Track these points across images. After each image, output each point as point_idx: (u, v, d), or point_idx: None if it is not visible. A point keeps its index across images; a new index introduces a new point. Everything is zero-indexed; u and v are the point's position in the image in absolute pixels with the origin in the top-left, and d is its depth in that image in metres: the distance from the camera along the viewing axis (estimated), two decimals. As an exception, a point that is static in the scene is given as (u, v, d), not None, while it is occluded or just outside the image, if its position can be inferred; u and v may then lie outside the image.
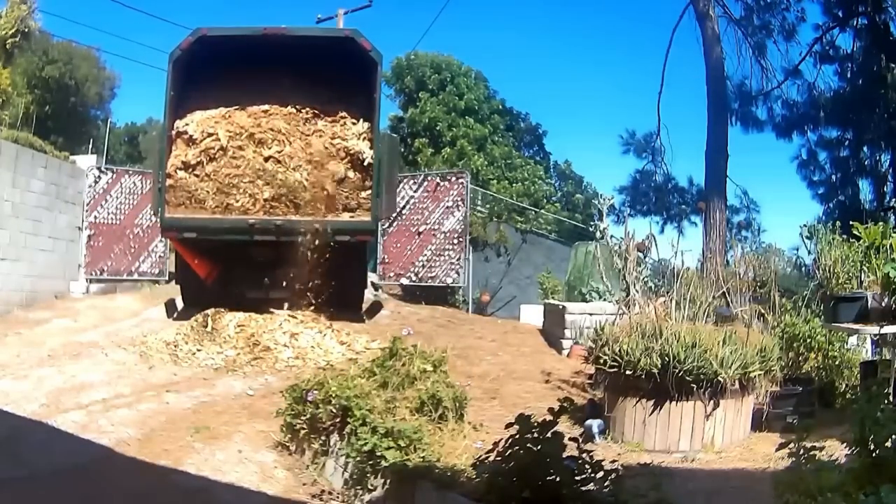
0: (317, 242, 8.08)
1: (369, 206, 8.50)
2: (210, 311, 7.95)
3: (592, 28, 41.75)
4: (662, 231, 20.12)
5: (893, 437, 2.38)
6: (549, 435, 3.10)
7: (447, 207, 13.30)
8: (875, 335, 5.49)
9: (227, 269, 8.98)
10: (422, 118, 20.73)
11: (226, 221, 8.26)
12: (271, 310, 8.16)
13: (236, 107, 8.62)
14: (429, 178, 13.85)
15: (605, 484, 3.05)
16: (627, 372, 5.02)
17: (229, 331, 7.58)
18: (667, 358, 4.86)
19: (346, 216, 8.52)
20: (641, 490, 3.15)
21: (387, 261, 13.28)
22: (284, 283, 8.25)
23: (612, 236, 8.03)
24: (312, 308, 8.16)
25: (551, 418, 3.22)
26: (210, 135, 8.38)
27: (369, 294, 11.24)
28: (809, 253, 7.07)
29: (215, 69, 8.52)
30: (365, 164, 8.50)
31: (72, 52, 19.95)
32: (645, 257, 7.27)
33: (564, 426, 3.90)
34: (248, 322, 7.78)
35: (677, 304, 5.71)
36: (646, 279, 6.90)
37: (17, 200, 10.75)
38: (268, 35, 8.44)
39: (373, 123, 8.72)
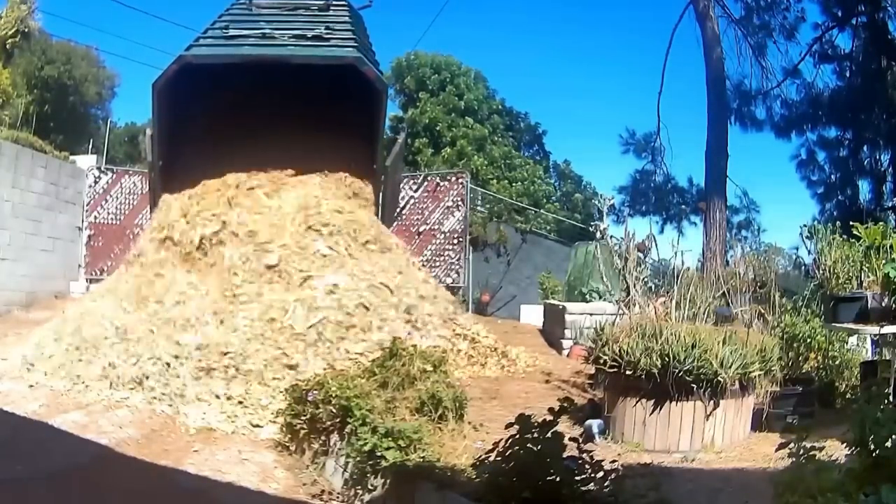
0: None
1: None
2: None
3: (592, 27, 41.64)
4: (662, 231, 20.11)
5: (893, 437, 2.38)
6: (549, 435, 3.10)
7: (447, 207, 13.31)
8: (875, 335, 5.49)
9: None
10: (422, 118, 20.74)
11: None
12: None
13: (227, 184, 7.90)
14: (429, 178, 13.86)
15: (605, 484, 3.05)
16: (627, 372, 5.01)
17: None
18: (667, 358, 4.86)
19: None
20: (641, 490, 3.15)
21: (387, 261, 13.26)
22: None
23: (611, 236, 8.03)
24: None
25: (551, 418, 3.22)
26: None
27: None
28: (809, 253, 7.07)
29: (205, 99, 8.12)
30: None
31: (70, 52, 19.92)
32: (645, 257, 7.27)
33: (564, 426, 3.90)
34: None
35: (677, 304, 5.70)
36: (646, 279, 6.89)
37: (18, 200, 10.76)
38: (262, 60, 7.94)
39: (375, 156, 8.38)
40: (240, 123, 8.14)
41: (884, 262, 5.51)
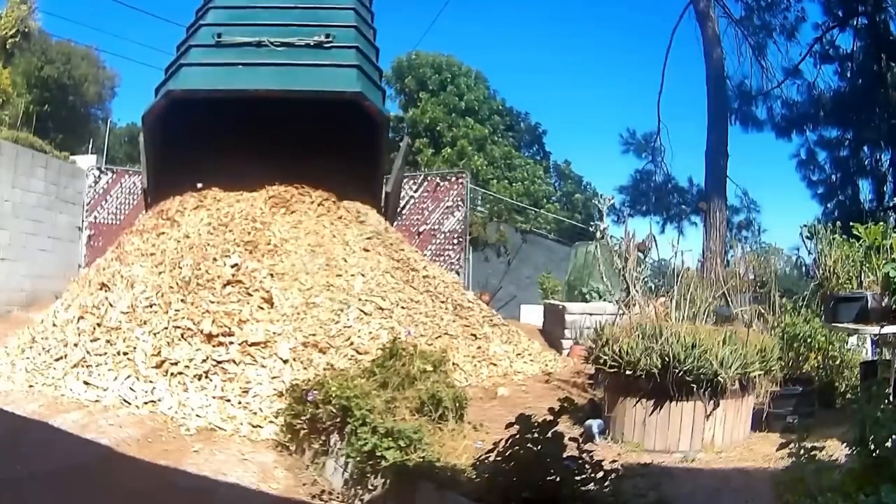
0: None
1: None
2: None
3: (593, 27, 41.82)
4: (663, 231, 20.15)
5: (893, 437, 2.38)
6: (549, 435, 3.10)
7: (447, 207, 13.32)
8: (875, 335, 5.49)
9: None
10: (422, 118, 20.76)
11: None
12: None
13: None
14: (429, 178, 13.86)
15: (605, 484, 3.05)
16: (627, 372, 5.01)
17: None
18: (667, 358, 4.86)
19: None
20: (641, 490, 3.15)
21: (387, 261, 13.26)
22: None
23: (611, 236, 8.03)
24: None
25: (551, 418, 3.22)
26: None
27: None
28: (809, 253, 7.07)
29: (194, 136, 7.94)
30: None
31: (70, 52, 19.96)
32: (645, 257, 7.27)
33: (564, 426, 3.89)
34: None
35: (677, 304, 5.70)
36: (646, 279, 6.89)
37: (18, 200, 10.76)
38: (255, 96, 7.80)
39: (376, 191, 8.28)
40: (236, 145, 7.98)
41: (884, 262, 5.51)
